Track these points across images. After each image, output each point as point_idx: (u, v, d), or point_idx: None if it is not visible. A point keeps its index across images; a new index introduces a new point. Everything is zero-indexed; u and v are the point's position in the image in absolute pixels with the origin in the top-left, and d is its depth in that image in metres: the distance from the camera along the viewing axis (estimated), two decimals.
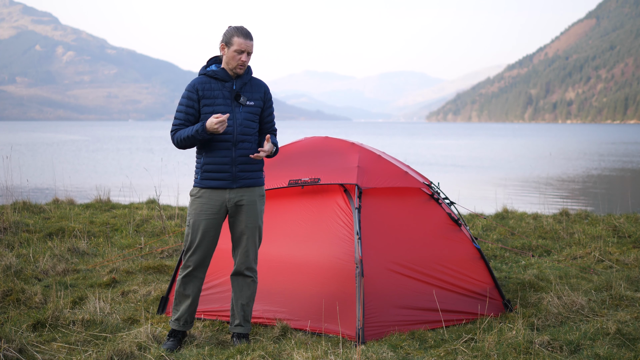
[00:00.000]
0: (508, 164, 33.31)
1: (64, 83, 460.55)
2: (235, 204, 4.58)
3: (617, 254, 7.57)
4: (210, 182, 4.55)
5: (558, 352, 4.39)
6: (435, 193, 5.67)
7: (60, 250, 7.50)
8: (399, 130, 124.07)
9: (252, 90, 4.64)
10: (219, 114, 4.41)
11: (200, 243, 4.59)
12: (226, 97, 4.56)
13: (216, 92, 4.56)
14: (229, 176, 4.55)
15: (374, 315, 4.85)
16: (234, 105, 4.57)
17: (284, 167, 5.46)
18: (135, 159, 35.63)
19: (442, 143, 62.36)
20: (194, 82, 4.60)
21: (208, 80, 4.59)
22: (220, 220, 4.62)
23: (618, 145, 56.12)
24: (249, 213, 4.60)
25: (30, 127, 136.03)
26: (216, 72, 4.59)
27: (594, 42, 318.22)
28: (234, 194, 4.57)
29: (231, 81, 4.59)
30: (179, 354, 4.46)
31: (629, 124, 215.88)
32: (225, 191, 4.56)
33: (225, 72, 4.58)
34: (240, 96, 4.57)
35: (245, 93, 4.61)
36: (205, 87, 4.56)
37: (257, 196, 4.64)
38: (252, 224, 4.62)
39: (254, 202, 4.62)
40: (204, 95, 4.55)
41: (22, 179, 14.97)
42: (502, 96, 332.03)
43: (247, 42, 4.51)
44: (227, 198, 4.56)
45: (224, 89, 4.57)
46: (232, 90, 4.58)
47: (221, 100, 4.55)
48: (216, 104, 4.54)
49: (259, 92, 4.66)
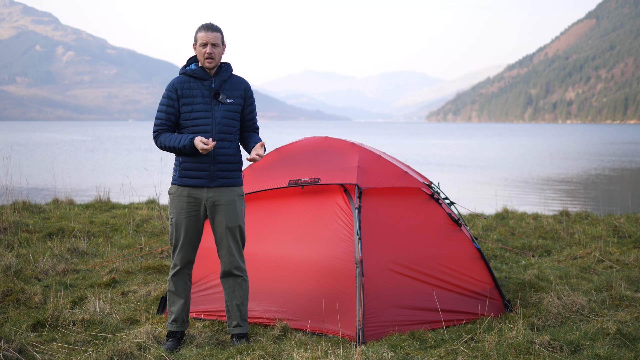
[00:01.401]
0: (508, 164, 33.31)
1: (64, 83, 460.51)
2: (213, 203, 4.58)
3: (618, 254, 7.57)
4: (189, 180, 4.57)
5: (558, 352, 4.39)
6: (435, 193, 5.66)
7: (60, 250, 7.50)
8: (399, 130, 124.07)
9: (231, 88, 4.65)
10: (209, 140, 4.42)
11: (184, 241, 4.62)
12: (205, 95, 4.58)
13: (195, 90, 4.58)
14: (207, 174, 4.55)
15: (374, 315, 4.84)
16: (213, 103, 4.58)
17: (284, 167, 5.46)
18: (135, 158, 35.62)
19: (442, 143, 62.35)
20: (174, 81, 4.62)
21: (187, 80, 4.61)
22: (201, 218, 4.63)
23: (618, 145, 56.11)
24: (228, 213, 4.59)
25: (30, 127, 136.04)
26: (194, 70, 4.61)
27: (594, 42, 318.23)
28: (212, 193, 4.57)
29: (210, 79, 4.61)
30: (179, 354, 4.46)
31: (629, 124, 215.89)
32: (203, 190, 4.57)
33: (203, 71, 4.61)
34: (219, 94, 4.58)
35: (224, 91, 4.61)
36: (184, 86, 4.59)
37: (235, 196, 4.63)
38: (232, 223, 4.61)
39: (233, 201, 4.61)
40: (183, 94, 4.58)
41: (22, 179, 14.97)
42: (502, 96, 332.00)
43: (207, 34, 4.53)
44: (204, 197, 4.57)
45: (203, 88, 4.59)
46: (211, 88, 4.59)
47: (200, 99, 4.57)
48: (195, 103, 4.56)
49: (239, 90, 4.66)
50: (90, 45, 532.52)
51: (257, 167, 5.57)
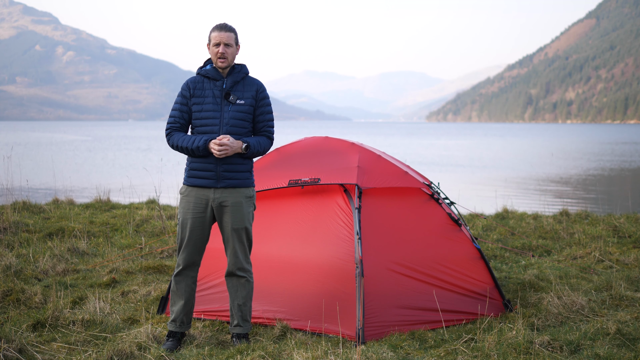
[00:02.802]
0: (508, 164, 33.31)
1: (64, 83, 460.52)
2: (219, 204, 4.58)
3: (617, 254, 7.58)
4: (196, 180, 4.58)
5: (558, 352, 4.39)
6: (435, 193, 5.66)
7: (60, 250, 7.50)
8: (399, 130, 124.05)
9: (244, 90, 4.65)
10: (224, 136, 4.44)
11: (188, 241, 4.62)
12: (216, 95, 4.59)
13: (207, 91, 4.61)
14: (213, 175, 4.56)
15: (374, 315, 4.84)
16: (223, 103, 4.59)
17: (284, 167, 5.46)
18: (135, 158, 35.62)
19: (442, 143, 62.34)
20: (188, 80, 4.68)
21: (201, 80, 4.65)
22: (207, 219, 4.62)
23: (618, 145, 56.10)
24: (235, 214, 4.58)
25: (30, 127, 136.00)
26: (208, 71, 4.64)
27: (594, 42, 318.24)
28: (219, 194, 4.57)
29: (222, 80, 4.62)
30: (179, 354, 4.46)
31: (629, 124, 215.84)
32: (210, 190, 4.58)
33: (216, 71, 4.63)
34: (229, 95, 4.58)
35: (236, 92, 4.62)
36: (197, 85, 4.63)
37: (243, 197, 4.62)
38: (238, 225, 4.60)
39: (240, 203, 4.60)
40: (195, 93, 4.61)
41: (22, 179, 14.96)
42: (502, 96, 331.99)
43: (221, 34, 4.55)
44: (211, 198, 4.57)
45: (215, 88, 4.61)
46: (222, 89, 4.60)
47: (210, 98, 4.59)
48: (205, 102, 4.58)
49: (251, 91, 4.66)
50: (90, 45, 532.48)
51: (257, 167, 5.57)
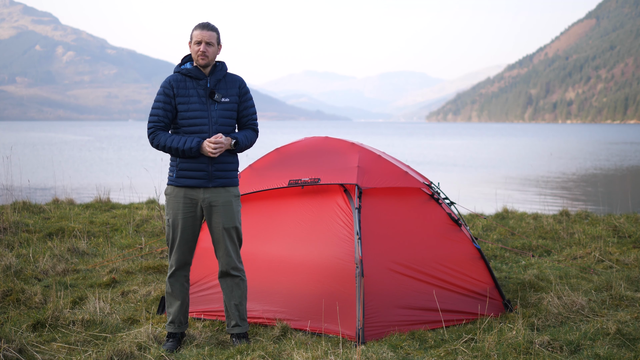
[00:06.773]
0: (508, 164, 33.31)
1: (64, 83, 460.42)
2: (209, 204, 4.57)
3: (617, 254, 7.57)
4: (186, 180, 4.55)
5: (558, 352, 4.39)
6: (435, 193, 5.66)
7: (60, 250, 7.50)
8: (399, 130, 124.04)
9: (226, 87, 4.64)
10: (218, 135, 4.44)
11: (180, 242, 4.61)
12: (201, 95, 4.57)
13: (190, 90, 4.57)
14: (205, 175, 4.54)
15: (374, 315, 4.84)
16: (209, 103, 4.58)
17: (284, 167, 5.46)
18: (135, 158, 35.61)
19: (441, 143, 62.34)
20: (169, 78, 4.60)
21: (182, 79, 4.60)
22: (197, 218, 4.62)
23: (618, 145, 56.09)
24: (225, 214, 4.58)
25: (30, 127, 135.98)
26: (189, 70, 4.60)
27: (594, 42, 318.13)
28: (209, 193, 4.56)
29: (205, 79, 4.60)
30: (179, 354, 4.46)
31: (629, 124, 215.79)
32: (200, 190, 4.56)
33: (198, 70, 4.60)
34: (214, 94, 4.57)
35: (220, 90, 4.61)
36: (179, 85, 4.57)
37: (232, 197, 4.62)
38: (229, 224, 4.60)
39: (229, 202, 4.60)
40: (179, 93, 4.56)
41: (22, 179, 14.95)
42: (502, 96, 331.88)
43: (202, 32, 4.53)
44: (201, 198, 4.56)
45: (199, 87, 4.59)
46: (207, 88, 4.58)
47: (196, 98, 4.56)
48: (191, 102, 4.55)
49: (234, 88, 4.66)
50: (90, 45, 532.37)
51: (257, 167, 5.57)
